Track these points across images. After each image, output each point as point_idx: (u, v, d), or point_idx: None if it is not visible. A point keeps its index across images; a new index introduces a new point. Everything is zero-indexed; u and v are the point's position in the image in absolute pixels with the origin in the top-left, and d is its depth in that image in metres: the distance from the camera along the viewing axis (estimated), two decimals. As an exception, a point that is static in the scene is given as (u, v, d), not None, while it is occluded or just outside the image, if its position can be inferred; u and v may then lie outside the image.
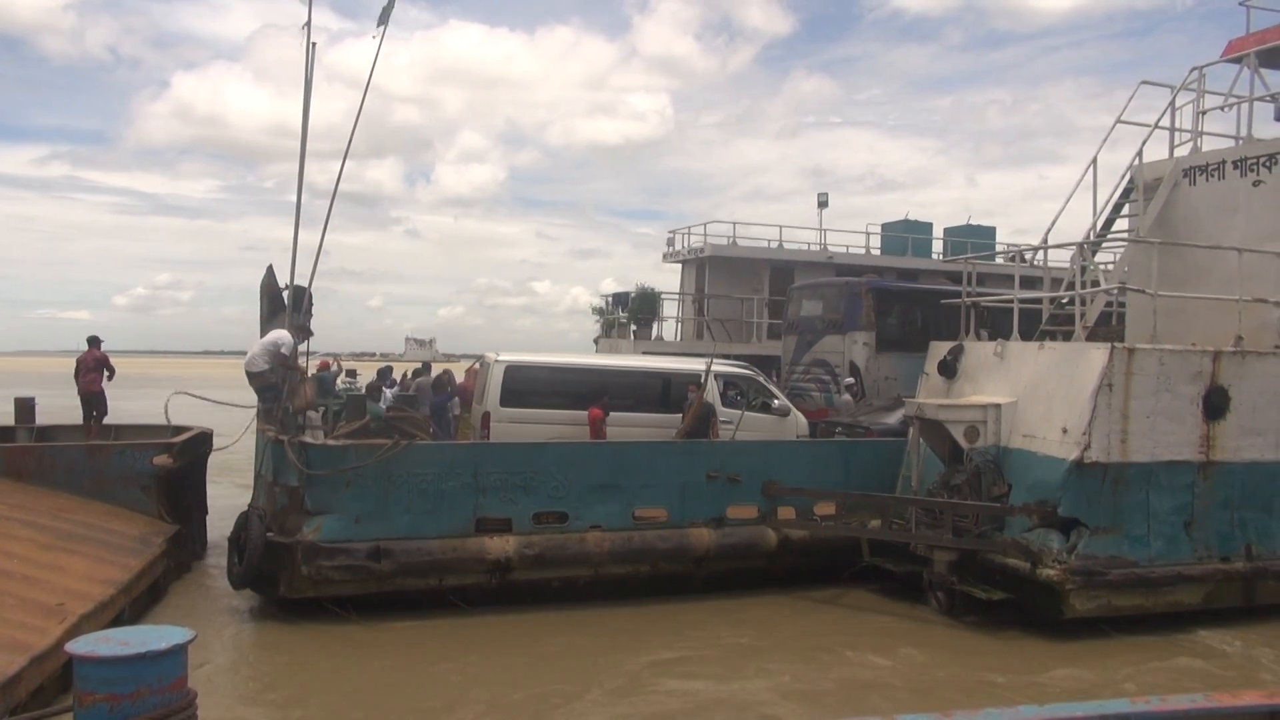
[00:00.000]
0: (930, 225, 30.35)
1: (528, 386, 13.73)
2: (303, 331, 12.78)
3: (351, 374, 20.08)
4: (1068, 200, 13.11)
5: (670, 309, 27.02)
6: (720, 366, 14.38)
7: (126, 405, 20.90)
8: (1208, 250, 12.31)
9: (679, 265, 27.99)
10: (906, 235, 29.13)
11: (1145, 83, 13.39)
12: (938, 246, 30.37)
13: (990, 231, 31.25)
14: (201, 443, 15.09)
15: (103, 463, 13.24)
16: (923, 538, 11.79)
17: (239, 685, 9.15)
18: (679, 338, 26.76)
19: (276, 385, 11.43)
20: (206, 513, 15.30)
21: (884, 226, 30.04)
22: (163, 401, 14.91)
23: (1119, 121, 13.18)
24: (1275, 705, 3.99)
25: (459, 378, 15.62)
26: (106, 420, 16.12)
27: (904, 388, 17.20)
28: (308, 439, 11.22)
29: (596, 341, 27.47)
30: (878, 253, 28.54)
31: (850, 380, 16.99)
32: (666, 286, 27.49)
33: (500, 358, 13.85)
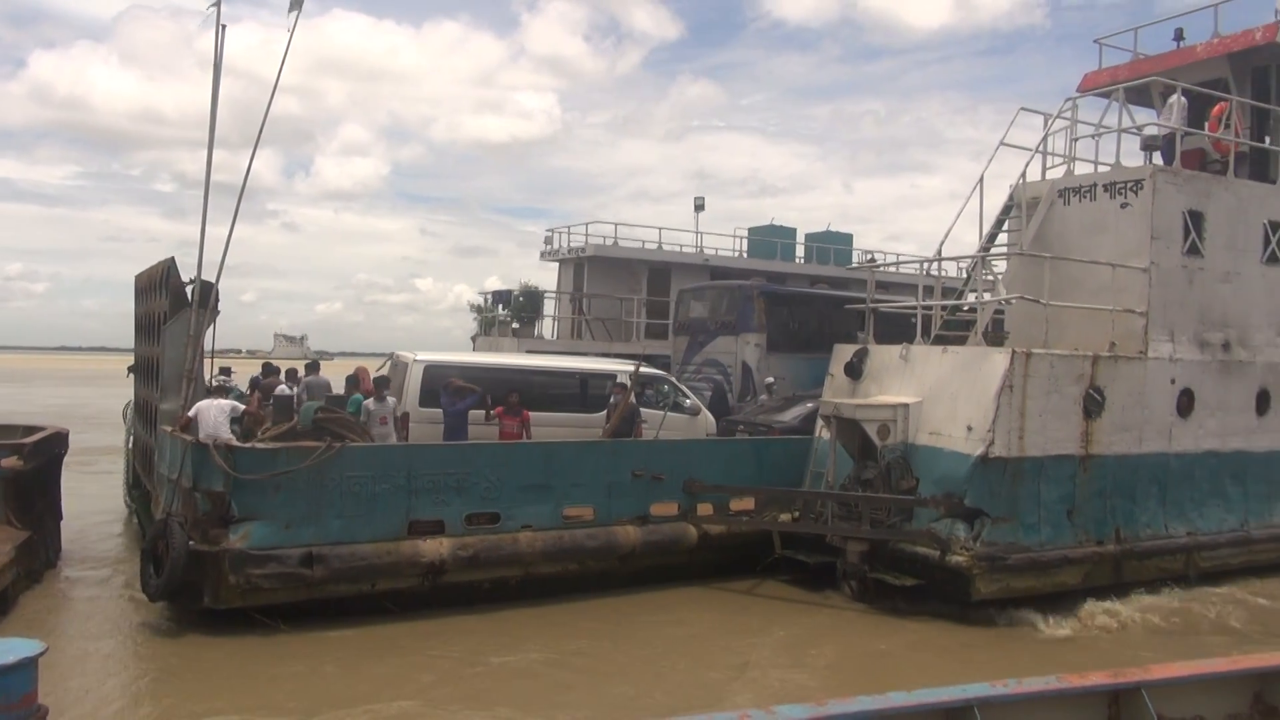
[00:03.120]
0: (794, 230, 31.82)
1: (447, 386, 13.59)
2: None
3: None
4: (958, 216, 14.17)
5: (551, 307, 27.14)
6: (642, 368, 14.70)
7: None
8: (1080, 263, 13.61)
9: (556, 264, 28.14)
10: (773, 240, 30.41)
11: (1024, 109, 14.64)
12: (800, 251, 31.85)
13: (847, 238, 33.10)
14: (55, 443, 14.15)
15: None
16: (840, 530, 12.51)
17: (97, 701, 8.60)
18: (555, 336, 26.93)
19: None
20: (60, 518, 14.35)
21: (750, 231, 31.25)
22: (13, 400, 13.95)
23: (1002, 144, 14.34)
24: (1118, 684, 4.47)
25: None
26: None
27: (792, 387, 18.13)
28: (234, 442, 10.77)
29: (474, 339, 27.25)
30: (747, 256, 29.66)
31: (770, 380, 17.69)
32: (551, 285, 27.59)
33: (419, 357, 13.66)
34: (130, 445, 17.37)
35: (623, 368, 14.62)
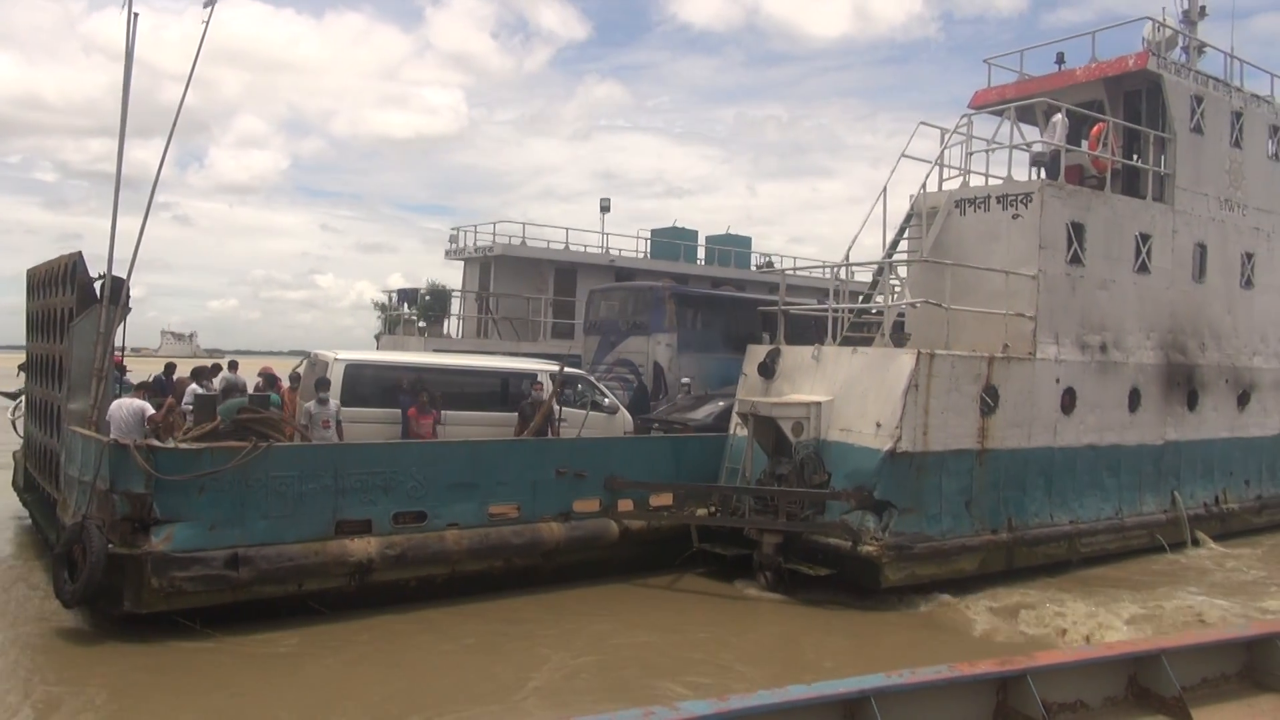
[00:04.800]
0: (696, 232, 32.43)
1: (369, 385, 13.55)
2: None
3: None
4: (863, 225, 14.95)
5: (457, 306, 27.01)
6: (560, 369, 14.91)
7: None
8: (976, 270, 14.52)
9: (462, 262, 28.01)
10: (676, 241, 30.97)
11: (923, 123, 15.53)
12: (701, 253, 32.52)
13: (746, 240, 34.00)
14: None
15: None
16: (756, 523, 13.03)
17: (6, 716, 8.30)
18: (460, 335, 26.82)
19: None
20: None
21: (654, 232, 31.74)
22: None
23: (903, 156, 15.18)
24: (1005, 672, 4.76)
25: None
26: None
27: (702, 386, 18.65)
28: (154, 442, 10.53)
29: (378, 338, 26.90)
30: (650, 257, 30.14)
31: (686, 380, 18.12)
32: (455, 283, 27.44)
33: (340, 356, 13.54)
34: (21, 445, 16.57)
35: (546, 367, 14.82)
